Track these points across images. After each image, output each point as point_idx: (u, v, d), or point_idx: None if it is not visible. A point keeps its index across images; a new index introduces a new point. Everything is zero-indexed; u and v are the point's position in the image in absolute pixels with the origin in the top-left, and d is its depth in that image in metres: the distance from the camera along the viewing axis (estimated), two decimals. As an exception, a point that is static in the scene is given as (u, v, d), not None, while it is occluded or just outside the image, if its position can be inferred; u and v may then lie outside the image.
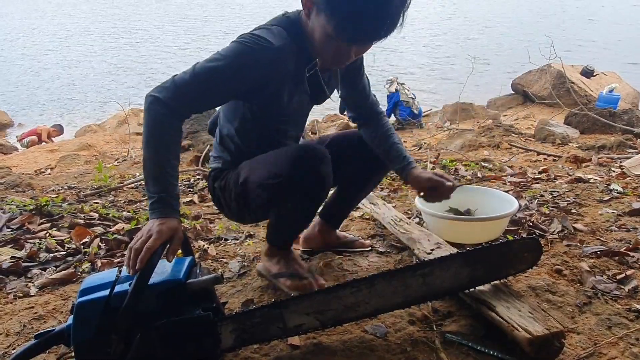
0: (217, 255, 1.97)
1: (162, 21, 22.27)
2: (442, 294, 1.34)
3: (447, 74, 11.59)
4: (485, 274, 1.34)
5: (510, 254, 1.36)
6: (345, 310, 1.21)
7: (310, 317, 1.19)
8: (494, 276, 1.36)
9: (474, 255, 1.32)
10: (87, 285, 1.11)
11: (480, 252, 1.34)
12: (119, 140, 7.43)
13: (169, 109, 1.19)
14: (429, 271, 1.27)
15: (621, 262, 1.70)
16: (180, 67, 1.32)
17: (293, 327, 1.19)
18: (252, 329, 1.17)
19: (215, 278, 1.11)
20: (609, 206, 2.27)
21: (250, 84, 1.31)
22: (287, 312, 1.18)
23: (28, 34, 21.51)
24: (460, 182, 2.85)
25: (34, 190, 3.18)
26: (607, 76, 9.18)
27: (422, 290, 1.27)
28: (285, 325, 1.18)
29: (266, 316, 1.18)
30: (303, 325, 1.19)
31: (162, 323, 1.05)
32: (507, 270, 1.38)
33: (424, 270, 1.27)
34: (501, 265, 1.36)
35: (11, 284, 1.79)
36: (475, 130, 5.14)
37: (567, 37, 15.13)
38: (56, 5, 30.89)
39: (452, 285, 1.31)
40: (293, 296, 1.22)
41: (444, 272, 1.29)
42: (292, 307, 1.19)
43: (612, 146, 3.96)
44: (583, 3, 23.66)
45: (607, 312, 1.40)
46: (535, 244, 1.39)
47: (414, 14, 21.33)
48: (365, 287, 1.22)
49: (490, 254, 1.34)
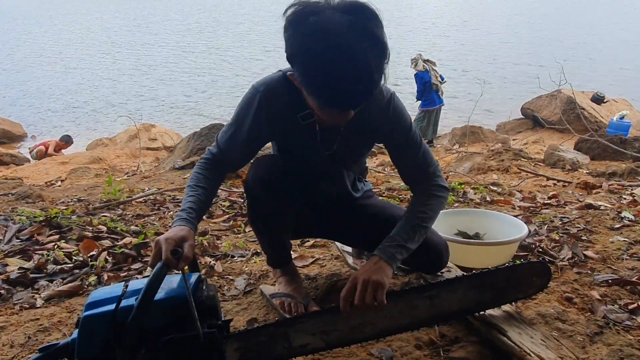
0: (224, 272, 1.96)
1: (186, 43, 22.67)
2: (450, 317, 1.32)
3: (458, 97, 11.63)
4: (493, 298, 1.32)
5: (519, 278, 1.35)
6: (351, 331, 1.20)
7: (316, 337, 1.18)
8: (502, 300, 1.34)
9: (482, 278, 1.31)
10: (94, 299, 1.10)
11: (488, 275, 1.32)
12: (129, 155, 7.51)
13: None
14: (436, 293, 1.25)
15: (633, 292, 1.67)
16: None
17: (298, 347, 1.18)
18: (257, 348, 1.16)
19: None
20: (620, 234, 2.24)
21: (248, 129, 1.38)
22: (293, 331, 1.17)
23: (47, 48, 22.01)
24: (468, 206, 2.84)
25: (44, 202, 3.21)
26: (617, 103, 9.18)
27: (430, 313, 1.25)
28: (291, 344, 1.17)
29: (271, 335, 1.17)
30: (308, 345, 1.18)
31: (167, 339, 1.04)
32: (516, 294, 1.36)
33: (431, 292, 1.25)
34: (509, 288, 1.34)
35: (18, 295, 1.80)
36: (484, 154, 5.13)
37: (579, 63, 15.18)
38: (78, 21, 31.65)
39: (459, 308, 1.29)
40: (298, 315, 1.21)
41: (452, 294, 1.27)
42: (297, 327, 1.18)
43: (623, 173, 3.92)
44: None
45: (619, 343, 1.37)
46: (543, 268, 1.37)
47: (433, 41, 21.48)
48: (371, 307, 1.21)
49: (498, 277, 1.32)
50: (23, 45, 22.86)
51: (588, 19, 27.98)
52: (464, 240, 1.94)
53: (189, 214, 1.22)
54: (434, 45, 19.64)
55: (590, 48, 18.71)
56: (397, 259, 1.27)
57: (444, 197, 1.41)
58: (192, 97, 13.81)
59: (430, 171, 1.42)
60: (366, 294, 1.17)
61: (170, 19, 32.00)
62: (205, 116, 11.61)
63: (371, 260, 1.26)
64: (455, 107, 10.64)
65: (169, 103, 13.31)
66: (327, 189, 1.55)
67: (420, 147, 1.42)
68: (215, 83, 15.03)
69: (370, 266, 1.23)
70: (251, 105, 1.35)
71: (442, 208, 1.42)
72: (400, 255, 1.28)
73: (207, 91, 14.18)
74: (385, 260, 1.24)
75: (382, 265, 1.23)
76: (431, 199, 1.39)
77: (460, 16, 30.61)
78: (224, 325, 1.15)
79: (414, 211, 1.37)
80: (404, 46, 16.74)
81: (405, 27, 24.08)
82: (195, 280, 1.14)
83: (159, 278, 1.04)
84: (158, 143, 8.66)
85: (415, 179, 1.44)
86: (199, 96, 13.80)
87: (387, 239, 1.31)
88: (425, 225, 1.35)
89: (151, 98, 13.76)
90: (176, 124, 11.17)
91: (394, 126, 1.39)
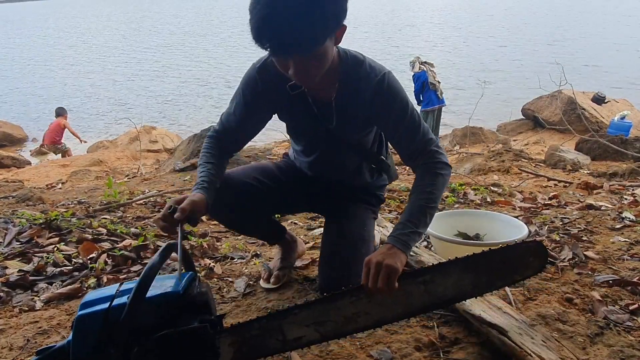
0: (223, 274, 1.96)
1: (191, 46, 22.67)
2: (445, 303, 1.27)
3: (458, 97, 11.62)
4: (489, 281, 1.27)
5: (515, 259, 1.29)
6: (345, 321, 1.18)
7: (310, 328, 1.16)
8: (498, 283, 1.29)
9: (477, 261, 1.25)
10: (88, 299, 1.10)
11: (482, 257, 1.26)
12: (130, 157, 7.51)
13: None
14: (429, 278, 1.21)
15: (634, 292, 1.66)
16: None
17: (293, 340, 1.16)
18: (251, 342, 1.14)
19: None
20: (621, 234, 2.23)
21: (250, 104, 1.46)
22: (286, 323, 1.15)
23: (50, 50, 22.04)
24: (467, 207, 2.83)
25: (44, 204, 3.21)
26: (618, 103, 9.16)
27: (425, 299, 1.22)
28: (285, 337, 1.15)
29: (265, 328, 1.15)
30: (303, 337, 1.16)
31: (159, 335, 1.04)
32: (513, 277, 1.31)
33: (424, 277, 1.21)
34: (505, 270, 1.29)
35: (17, 297, 1.80)
36: (485, 155, 5.13)
37: (579, 63, 15.17)
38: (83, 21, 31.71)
39: (455, 293, 1.25)
40: (290, 307, 1.19)
41: (446, 278, 1.22)
42: (290, 318, 1.16)
43: (624, 173, 3.92)
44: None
45: (620, 344, 1.36)
46: (539, 247, 1.33)
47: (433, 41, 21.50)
48: (364, 296, 1.18)
49: (493, 259, 1.27)
50: (24, 49, 22.91)
51: (594, 19, 27.97)
52: (464, 242, 1.93)
53: (201, 184, 1.36)
54: (435, 46, 19.66)
55: (591, 49, 18.70)
56: (410, 245, 1.26)
57: (447, 174, 1.39)
58: (193, 98, 13.82)
59: (431, 149, 1.39)
60: (379, 277, 1.15)
61: (169, 22, 32.07)
62: (205, 117, 11.63)
63: (385, 246, 1.24)
64: (456, 108, 10.64)
65: (169, 104, 13.32)
66: (330, 169, 1.63)
67: (420, 125, 1.41)
68: (217, 85, 15.06)
69: (384, 251, 1.21)
70: (248, 79, 1.44)
71: (446, 185, 1.40)
72: (414, 241, 1.27)
73: (207, 93, 14.20)
74: (399, 247, 1.23)
75: (396, 252, 1.21)
76: (436, 178, 1.36)
77: (461, 17, 30.62)
78: (217, 320, 1.14)
79: (421, 192, 1.34)
80: (406, 51, 16.74)
81: (408, 31, 24.07)
82: (188, 278, 1.14)
83: (150, 276, 1.04)
84: (159, 145, 8.68)
85: (416, 158, 1.41)
86: (200, 97, 13.82)
87: (398, 225, 1.29)
88: (433, 206, 1.34)
89: (151, 99, 13.78)
90: (177, 126, 11.19)
91: (389, 102, 1.39)
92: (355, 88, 1.39)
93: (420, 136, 1.39)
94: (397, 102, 1.39)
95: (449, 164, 1.42)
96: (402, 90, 1.42)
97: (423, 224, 1.30)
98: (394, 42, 21.60)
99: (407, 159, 1.45)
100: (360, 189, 1.70)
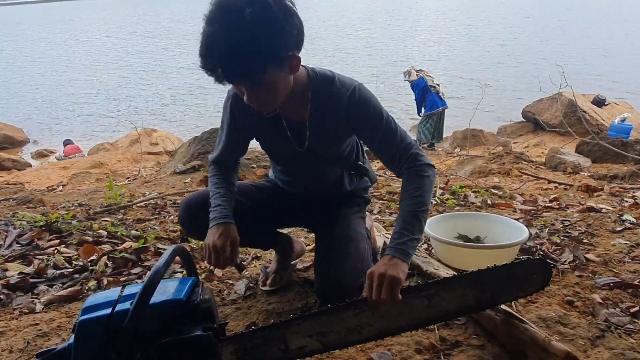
0: (223, 276, 1.96)
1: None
2: (449, 317, 1.28)
3: (458, 100, 11.63)
4: (492, 296, 1.29)
5: (518, 276, 1.31)
6: (348, 332, 1.18)
7: (313, 339, 1.17)
8: (501, 298, 1.31)
9: (481, 277, 1.27)
10: (90, 303, 1.10)
11: (487, 274, 1.27)
12: (130, 159, 7.52)
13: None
14: (434, 292, 1.22)
15: (635, 295, 1.66)
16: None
17: (295, 349, 1.16)
18: (253, 351, 1.14)
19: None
20: (622, 237, 2.23)
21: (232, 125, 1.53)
22: (289, 333, 1.16)
23: (53, 55, 22.09)
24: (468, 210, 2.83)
25: (45, 207, 3.21)
26: (619, 106, 9.17)
27: (428, 313, 1.23)
28: (287, 347, 1.16)
29: (267, 337, 1.15)
30: (305, 347, 1.16)
31: (162, 342, 1.04)
32: (516, 293, 1.32)
33: (429, 292, 1.22)
34: (509, 287, 1.30)
35: (17, 300, 1.80)
36: (485, 157, 5.13)
37: (580, 66, 15.19)
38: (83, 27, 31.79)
39: (458, 308, 1.26)
40: (294, 317, 1.19)
41: (450, 293, 1.24)
42: (293, 328, 1.16)
43: (624, 176, 3.91)
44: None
45: (621, 347, 1.36)
46: (544, 265, 1.34)
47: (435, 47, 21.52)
48: (368, 308, 1.19)
49: (497, 276, 1.28)
50: (24, 52, 22.96)
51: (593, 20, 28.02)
52: (465, 244, 1.93)
53: (220, 212, 1.47)
54: (435, 51, 19.69)
55: (592, 50, 18.72)
56: (410, 253, 1.26)
57: (432, 174, 1.40)
58: (194, 101, 13.84)
59: (412, 153, 1.40)
60: (382, 289, 1.16)
61: (167, 25, 32.13)
62: (206, 120, 11.63)
63: (385, 257, 1.24)
64: (456, 111, 10.64)
65: (170, 106, 13.34)
66: (311, 185, 1.66)
67: (397, 131, 1.42)
68: (218, 86, 15.05)
69: (386, 262, 1.22)
70: (226, 107, 1.52)
71: (433, 185, 1.41)
72: (412, 248, 1.28)
73: (208, 95, 14.21)
74: (400, 257, 1.23)
75: (397, 262, 1.22)
76: (422, 181, 1.36)
77: (461, 19, 30.68)
78: (219, 328, 1.14)
79: (411, 198, 1.34)
80: (405, 57, 16.73)
81: (408, 39, 24.10)
82: (190, 284, 1.14)
83: (155, 282, 1.03)
84: (159, 147, 8.69)
85: (399, 164, 1.42)
86: (201, 99, 13.84)
87: (394, 235, 1.29)
88: (425, 209, 1.34)
89: (152, 101, 13.80)
90: (177, 128, 11.20)
91: (363, 114, 1.41)
92: (328, 104, 1.40)
93: (398, 141, 1.41)
94: (371, 112, 1.41)
95: (431, 164, 1.43)
96: (375, 99, 1.43)
97: (418, 229, 1.31)
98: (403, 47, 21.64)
99: (390, 165, 1.46)
100: (343, 196, 1.71)
